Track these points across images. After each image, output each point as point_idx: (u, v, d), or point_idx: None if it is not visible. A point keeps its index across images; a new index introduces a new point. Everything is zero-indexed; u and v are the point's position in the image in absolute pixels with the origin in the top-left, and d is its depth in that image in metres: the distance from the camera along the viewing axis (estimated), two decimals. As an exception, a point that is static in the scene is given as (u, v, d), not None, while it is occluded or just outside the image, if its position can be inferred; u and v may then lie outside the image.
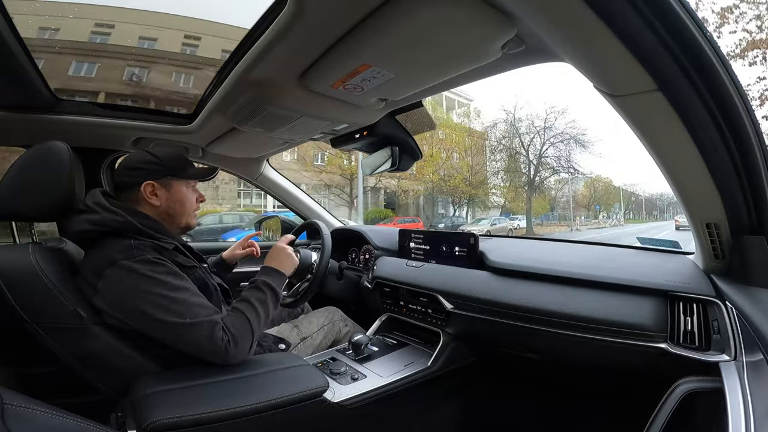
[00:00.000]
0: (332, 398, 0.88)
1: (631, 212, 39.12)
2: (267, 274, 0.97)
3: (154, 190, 0.91)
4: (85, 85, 1.32)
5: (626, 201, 35.97)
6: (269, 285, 0.93)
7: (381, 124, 1.16)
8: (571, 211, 25.16)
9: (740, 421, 0.46)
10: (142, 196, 0.90)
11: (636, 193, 39.96)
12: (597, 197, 30.26)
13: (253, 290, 0.92)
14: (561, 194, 26.08)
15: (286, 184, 1.86)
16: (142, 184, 0.90)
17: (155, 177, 0.91)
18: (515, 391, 1.28)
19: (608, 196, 31.45)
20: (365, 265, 1.56)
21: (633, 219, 38.22)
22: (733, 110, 0.53)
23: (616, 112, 0.62)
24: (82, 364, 0.80)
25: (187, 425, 0.68)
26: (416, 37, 0.61)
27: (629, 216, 38.66)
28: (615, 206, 30.88)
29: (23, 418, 0.41)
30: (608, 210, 32.23)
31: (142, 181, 0.90)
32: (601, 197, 30.61)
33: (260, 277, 0.95)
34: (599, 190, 30.41)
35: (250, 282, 0.95)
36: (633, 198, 39.54)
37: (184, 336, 0.77)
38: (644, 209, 41.11)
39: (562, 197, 26.68)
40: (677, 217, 19.89)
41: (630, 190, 38.59)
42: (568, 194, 24.69)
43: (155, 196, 0.91)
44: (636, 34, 0.46)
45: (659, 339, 0.75)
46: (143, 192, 0.90)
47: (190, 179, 0.98)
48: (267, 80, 0.84)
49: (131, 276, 0.76)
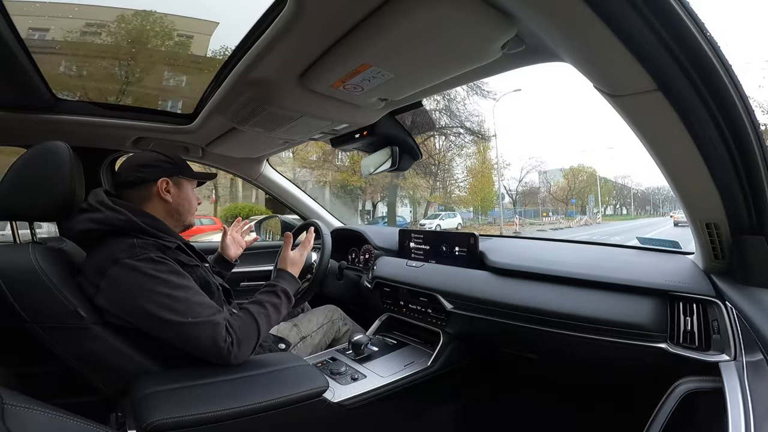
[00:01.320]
0: (332, 398, 0.88)
1: (623, 207, 35.92)
2: (285, 279, 0.99)
3: (168, 187, 0.94)
4: (86, 85, 1.32)
5: (609, 195, 32.75)
6: (287, 293, 0.95)
7: (381, 124, 1.16)
8: (540, 207, 23.27)
9: (740, 421, 0.46)
10: (156, 192, 0.92)
11: (627, 186, 36.07)
12: (578, 190, 27.50)
13: (271, 295, 0.93)
14: (526, 186, 24.54)
15: (286, 184, 1.86)
16: (159, 180, 0.92)
17: (170, 174, 0.94)
18: (515, 391, 1.28)
19: (591, 188, 28.24)
20: (365, 265, 1.56)
21: (621, 215, 34.27)
22: (733, 110, 0.53)
23: (616, 112, 0.62)
24: (82, 364, 0.80)
25: (187, 425, 0.68)
26: (416, 36, 0.61)
27: (622, 212, 35.61)
28: (590, 200, 27.01)
29: (23, 418, 0.41)
30: (588, 204, 28.58)
31: (158, 178, 0.92)
32: (583, 190, 27.59)
33: (279, 282, 0.97)
34: (580, 182, 27.71)
35: (266, 285, 0.96)
36: (623, 191, 35.82)
37: (186, 335, 0.77)
38: (633, 204, 36.70)
39: (528, 190, 24.65)
40: (674, 212, 18.79)
41: (622, 183, 35.42)
42: (542, 185, 22.63)
43: (169, 193, 0.94)
44: (636, 34, 0.46)
45: (659, 339, 0.75)
46: (159, 187, 0.92)
47: (197, 179, 1.02)
48: (267, 80, 0.84)
49: (134, 275, 0.76)
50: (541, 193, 26.84)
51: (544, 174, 26.38)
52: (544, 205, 27.34)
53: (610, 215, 32.89)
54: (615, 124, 26.73)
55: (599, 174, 29.39)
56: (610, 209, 34.19)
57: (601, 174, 30.59)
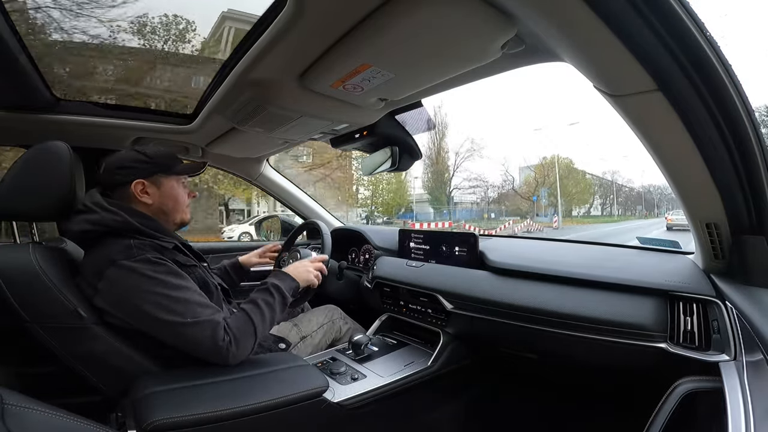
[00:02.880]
0: (332, 398, 0.88)
1: (611, 207, 29.48)
2: (277, 277, 0.98)
3: (145, 189, 0.91)
4: (85, 84, 1.32)
5: (587, 191, 26.19)
6: (278, 288, 0.93)
7: (381, 124, 1.16)
8: (503, 206, 18.91)
9: (740, 421, 0.46)
10: (133, 195, 0.90)
11: (615, 182, 29.33)
12: (549, 185, 22.32)
13: (262, 292, 0.92)
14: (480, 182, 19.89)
15: (286, 183, 1.86)
16: (132, 183, 0.89)
17: (145, 175, 0.91)
18: (515, 391, 1.28)
19: (566, 182, 22.90)
20: (365, 265, 1.56)
21: (602, 217, 27.88)
22: (733, 110, 0.53)
23: (616, 112, 0.62)
24: (82, 364, 0.80)
25: (187, 425, 0.68)
26: (416, 37, 0.61)
27: (611, 212, 29.01)
28: (542, 194, 22.10)
29: (23, 418, 0.41)
30: (572, 204, 23.26)
31: (132, 180, 0.89)
32: (552, 185, 22.34)
33: (270, 279, 0.96)
34: (551, 177, 22.49)
35: (260, 283, 0.96)
36: (611, 189, 28.98)
37: (185, 335, 0.77)
38: (616, 204, 29.90)
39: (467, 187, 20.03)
40: (669, 214, 16.48)
41: (612, 179, 28.71)
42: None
43: (146, 194, 0.91)
44: (636, 34, 0.46)
45: (659, 339, 0.75)
46: (134, 190, 0.89)
47: (179, 175, 0.98)
48: (267, 80, 0.84)
49: (132, 276, 0.76)
50: (503, 189, 22.28)
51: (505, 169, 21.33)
52: (506, 204, 22.52)
53: (595, 216, 27.09)
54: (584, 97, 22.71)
55: (560, 158, 23.08)
56: (597, 209, 28.53)
57: (577, 166, 24.78)
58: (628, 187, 31.14)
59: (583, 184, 25.96)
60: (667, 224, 15.09)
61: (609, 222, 25.19)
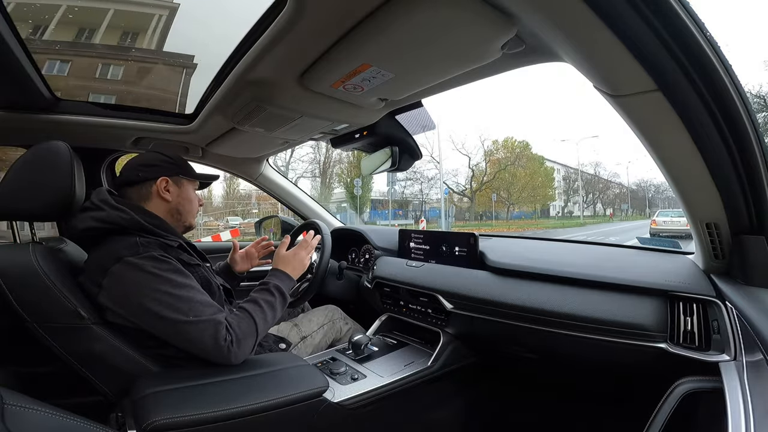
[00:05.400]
0: (332, 398, 0.88)
1: (593, 206, 25.32)
2: (277, 277, 0.98)
3: (168, 186, 0.94)
4: (85, 84, 1.32)
5: (549, 186, 21.76)
6: (279, 288, 0.94)
7: (381, 124, 1.16)
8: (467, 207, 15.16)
9: (740, 421, 0.46)
10: (156, 191, 0.93)
11: (605, 179, 24.59)
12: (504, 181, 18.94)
13: (263, 292, 0.92)
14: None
15: (286, 184, 1.86)
16: (158, 179, 0.93)
17: (170, 173, 0.95)
18: (515, 391, 1.28)
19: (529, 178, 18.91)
20: (365, 265, 1.56)
21: (589, 218, 23.22)
22: (733, 110, 0.53)
23: (616, 112, 0.62)
24: (82, 364, 0.80)
25: (187, 425, 0.68)
26: (416, 37, 0.61)
27: (591, 212, 24.51)
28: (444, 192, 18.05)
29: (23, 418, 0.41)
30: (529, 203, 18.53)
31: (158, 176, 0.93)
32: (508, 179, 18.56)
33: (271, 279, 0.96)
34: (504, 162, 18.55)
35: (260, 283, 0.96)
36: (597, 185, 23.88)
37: (187, 334, 0.77)
38: (582, 204, 24.45)
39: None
40: (657, 217, 13.56)
41: (594, 173, 24.18)
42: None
43: (168, 192, 0.94)
44: (636, 34, 0.46)
45: (659, 339, 0.75)
46: (158, 186, 0.93)
47: (199, 180, 1.03)
48: (267, 80, 0.84)
49: (137, 273, 0.76)
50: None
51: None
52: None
53: (568, 217, 22.76)
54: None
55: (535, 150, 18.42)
56: (578, 208, 24.43)
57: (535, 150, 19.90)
58: (616, 183, 26.74)
59: (538, 174, 20.98)
60: (651, 229, 12.52)
61: (567, 226, 19.74)
